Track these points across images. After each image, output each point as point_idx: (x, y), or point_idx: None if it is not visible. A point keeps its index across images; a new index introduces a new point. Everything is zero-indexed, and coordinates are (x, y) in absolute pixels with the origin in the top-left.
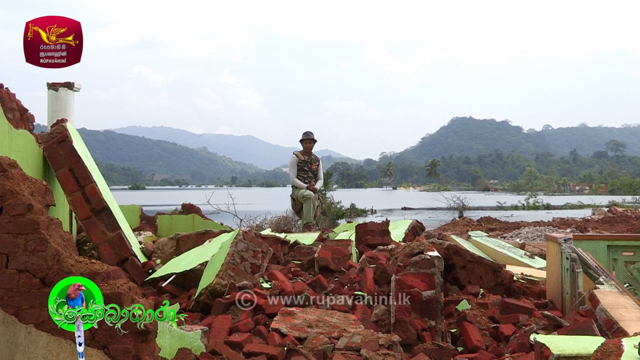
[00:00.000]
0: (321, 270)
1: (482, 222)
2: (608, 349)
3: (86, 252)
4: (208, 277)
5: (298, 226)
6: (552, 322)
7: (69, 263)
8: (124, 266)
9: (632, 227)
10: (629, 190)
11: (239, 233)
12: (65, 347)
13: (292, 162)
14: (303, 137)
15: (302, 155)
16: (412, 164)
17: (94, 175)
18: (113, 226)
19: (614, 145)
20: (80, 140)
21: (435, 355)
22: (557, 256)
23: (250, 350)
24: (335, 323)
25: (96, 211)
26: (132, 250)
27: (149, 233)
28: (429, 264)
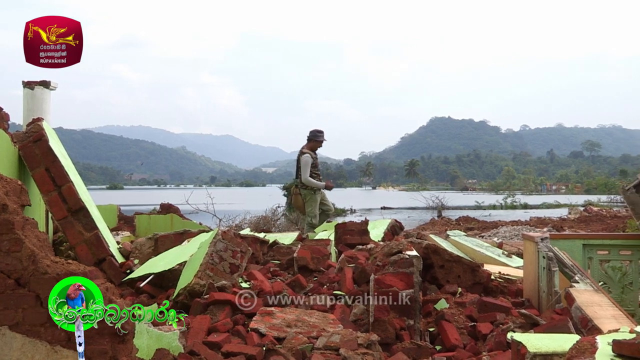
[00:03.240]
0: (300, 269)
1: (461, 222)
2: (583, 347)
3: (63, 252)
4: (186, 277)
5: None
6: (528, 321)
7: (45, 264)
8: (101, 267)
9: (607, 226)
10: (604, 189)
11: (217, 233)
12: (40, 349)
13: (307, 161)
14: (319, 135)
15: (313, 154)
16: (391, 164)
17: (71, 175)
18: (90, 226)
19: (589, 145)
20: (56, 140)
21: (414, 354)
22: (534, 255)
23: (228, 351)
24: (314, 323)
25: (73, 211)
26: (110, 250)
27: (126, 233)
28: (408, 263)
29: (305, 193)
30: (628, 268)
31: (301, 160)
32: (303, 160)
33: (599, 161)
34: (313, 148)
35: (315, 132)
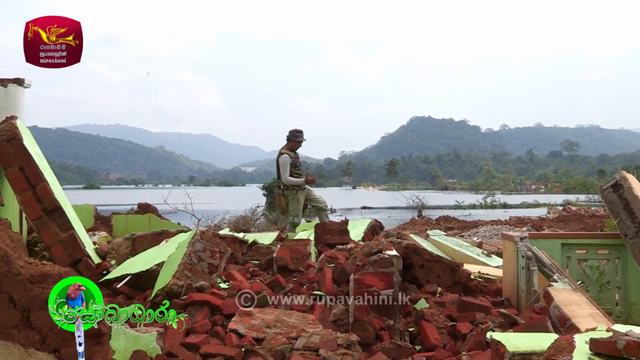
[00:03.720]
0: (280, 270)
1: (441, 221)
2: (561, 345)
3: (37, 253)
4: (164, 278)
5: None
6: (508, 320)
7: (19, 265)
8: (77, 267)
9: (586, 225)
10: (583, 189)
11: (196, 233)
12: (13, 352)
13: (286, 162)
14: (298, 135)
15: (291, 153)
16: (371, 163)
17: (46, 174)
18: (66, 226)
19: (568, 145)
20: (31, 138)
21: (394, 354)
22: (513, 254)
23: (207, 352)
24: (294, 323)
25: (48, 211)
26: (86, 251)
27: (103, 233)
28: (388, 263)
29: (288, 193)
30: (605, 267)
31: (279, 161)
32: (281, 161)
33: (578, 161)
34: (292, 148)
35: (294, 132)
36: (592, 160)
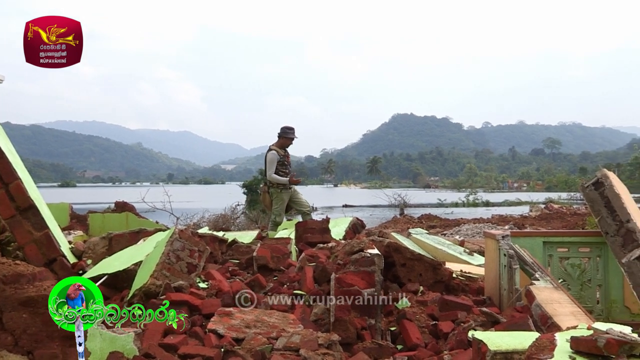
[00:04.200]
0: (260, 269)
1: (423, 220)
2: (542, 344)
3: (10, 252)
4: (142, 278)
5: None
6: (489, 319)
7: None
8: (51, 267)
9: (567, 223)
10: (565, 187)
11: (174, 232)
12: None
13: (273, 158)
14: (289, 132)
15: (281, 151)
16: (353, 161)
17: (19, 172)
18: (40, 225)
19: (550, 142)
20: (3, 135)
21: (375, 353)
22: (495, 253)
23: (185, 353)
24: (274, 323)
25: (21, 210)
26: (61, 250)
27: (79, 232)
28: (369, 261)
29: (273, 191)
30: (587, 265)
31: (267, 157)
32: (269, 158)
33: (560, 158)
34: (283, 145)
35: (285, 128)
36: (574, 158)
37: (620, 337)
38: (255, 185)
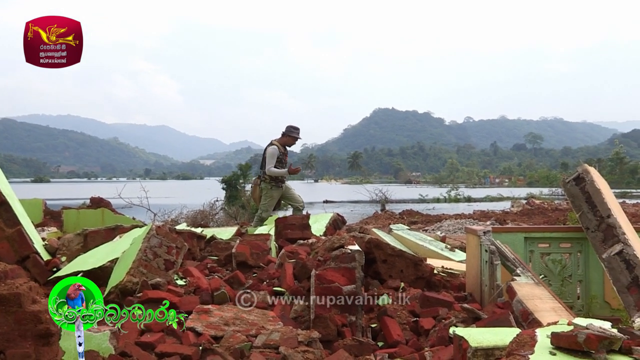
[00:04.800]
0: (239, 265)
1: (404, 215)
2: (523, 340)
3: None
4: (118, 275)
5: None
6: (470, 315)
7: None
8: (24, 264)
9: (549, 219)
10: (546, 182)
11: (151, 228)
12: None
13: (274, 153)
14: (293, 132)
15: (282, 148)
16: (334, 156)
17: None
18: (12, 222)
19: (532, 137)
20: None
21: (355, 350)
22: (476, 249)
23: (163, 351)
24: (253, 320)
25: None
26: (34, 247)
27: (53, 229)
28: (350, 258)
29: (264, 186)
30: (568, 261)
31: (267, 151)
32: (269, 152)
33: (541, 154)
34: (285, 143)
35: (290, 127)
36: (556, 153)
37: (600, 332)
38: (234, 181)
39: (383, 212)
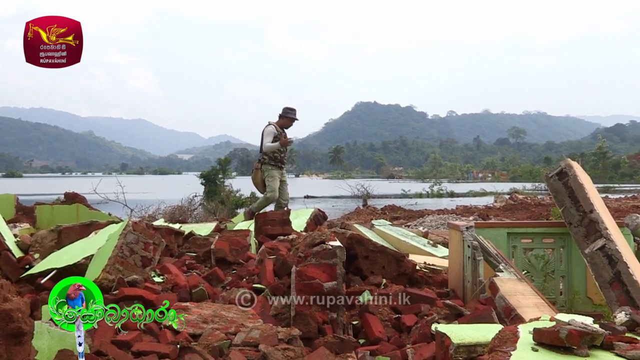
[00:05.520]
0: (218, 262)
1: (387, 211)
2: (505, 336)
3: None
4: (94, 272)
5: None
6: (453, 311)
7: None
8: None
9: (532, 214)
10: (529, 177)
11: (128, 224)
12: None
13: (270, 131)
14: (289, 112)
15: (279, 129)
16: (315, 151)
17: None
18: None
19: (515, 132)
20: None
21: (337, 348)
22: (459, 244)
23: (139, 350)
24: (233, 318)
25: None
26: (6, 244)
27: (26, 225)
28: (331, 254)
29: (265, 168)
30: (550, 256)
31: (264, 131)
32: (265, 131)
33: (525, 148)
34: (283, 125)
35: (286, 109)
36: (539, 147)
37: (581, 328)
38: (213, 176)
39: (365, 207)
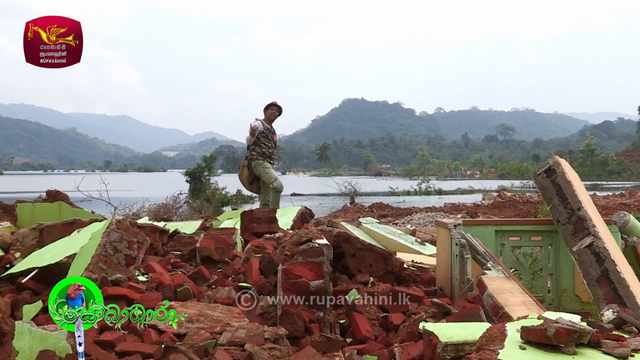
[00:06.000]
0: (203, 261)
1: (374, 209)
2: (493, 335)
3: None
4: (76, 271)
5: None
6: (441, 310)
7: None
8: None
9: (520, 211)
10: (517, 174)
11: (111, 222)
12: None
13: (256, 126)
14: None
15: (266, 124)
16: (302, 148)
17: None
18: None
19: (503, 129)
20: None
21: (323, 347)
22: (447, 242)
23: (123, 350)
24: (218, 317)
25: None
26: None
27: (6, 223)
28: (318, 252)
29: (256, 163)
30: (538, 254)
31: (251, 125)
32: (252, 125)
33: (513, 145)
34: (268, 118)
35: (269, 104)
36: (527, 145)
37: (569, 326)
38: (199, 173)
39: (352, 205)
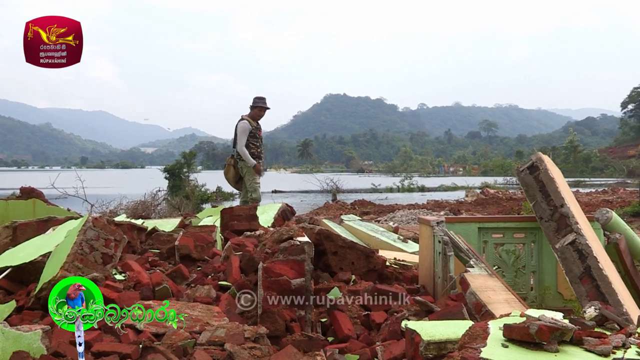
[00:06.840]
0: (182, 259)
1: (356, 206)
2: (475, 333)
3: None
4: (51, 270)
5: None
6: (423, 308)
7: None
8: None
9: (503, 208)
10: (501, 171)
11: (88, 219)
12: None
13: (245, 128)
14: (258, 102)
15: (253, 122)
16: (283, 144)
17: None
18: None
19: (486, 125)
20: None
21: (305, 346)
22: (429, 240)
23: (100, 350)
24: (197, 316)
25: None
26: None
27: None
28: (299, 250)
29: (243, 165)
30: (521, 251)
31: (238, 127)
32: (240, 127)
33: (496, 142)
34: (254, 117)
35: (256, 98)
36: (510, 141)
37: (551, 323)
38: (178, 170)
39: (334, 202)
